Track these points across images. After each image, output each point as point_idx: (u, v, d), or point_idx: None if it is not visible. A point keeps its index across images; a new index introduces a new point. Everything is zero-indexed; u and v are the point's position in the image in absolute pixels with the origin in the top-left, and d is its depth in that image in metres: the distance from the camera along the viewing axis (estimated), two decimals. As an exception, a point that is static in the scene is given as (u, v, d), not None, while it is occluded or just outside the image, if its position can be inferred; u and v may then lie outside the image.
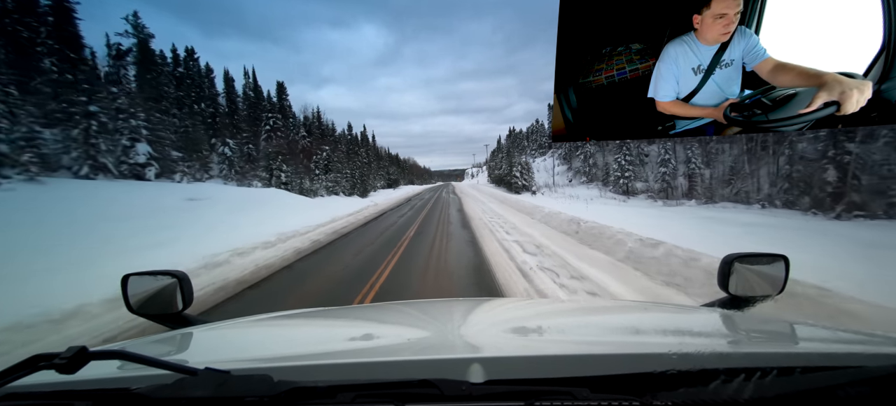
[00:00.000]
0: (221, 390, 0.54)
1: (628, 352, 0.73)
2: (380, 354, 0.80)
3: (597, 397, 0.53)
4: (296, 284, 5.41)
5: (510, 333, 1.01)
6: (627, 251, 6.10)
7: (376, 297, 4.74)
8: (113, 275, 1.60)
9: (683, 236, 6.26)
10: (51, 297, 3.64)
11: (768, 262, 1.21)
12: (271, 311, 1.56)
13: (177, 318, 1.25)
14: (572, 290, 4.57)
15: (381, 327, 1.17)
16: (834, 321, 3.05)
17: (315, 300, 4.59)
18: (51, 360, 0.53)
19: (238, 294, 4.92)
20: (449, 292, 4.82)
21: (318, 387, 0.56)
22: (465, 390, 0.56)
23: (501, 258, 6.49)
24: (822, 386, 0.52)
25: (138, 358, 0.57)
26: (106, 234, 7.45)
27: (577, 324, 1.15)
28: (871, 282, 3.54)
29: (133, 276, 1.24)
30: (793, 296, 3.22)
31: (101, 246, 6.53)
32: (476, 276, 5.55)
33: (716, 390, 0.52)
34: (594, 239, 7.51)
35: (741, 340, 0.90)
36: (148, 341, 1.04)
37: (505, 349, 0.81)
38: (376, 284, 5.25)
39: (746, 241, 7.95)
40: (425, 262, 6.70)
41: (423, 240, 9.24)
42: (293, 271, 6.23)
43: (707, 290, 3.97)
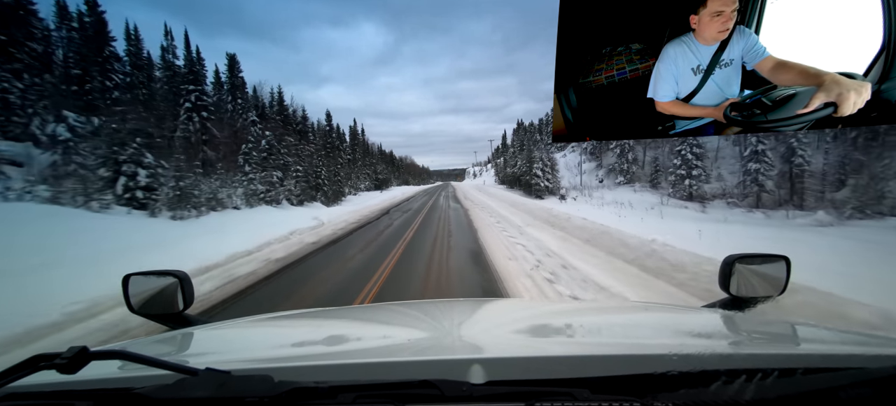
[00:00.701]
0: (222, 390, 0.54)
1: (629, 353, 0.73)
2: (380, 355, 0.80)
3: (597, 398, 0.53)
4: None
5: (511, 334, 1.01)
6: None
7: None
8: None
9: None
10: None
11: (769, 263, 1.21)
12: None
13: (178, 318, 1.25)
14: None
15: (382, 328, 1.17)
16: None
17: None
18: (51, 360, 0.53)
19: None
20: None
21: (318, 387, 0.56)
22: (465, 391, 0.56)
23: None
24: (824, 387, 0.52)
25: (139, 358, 0.57)
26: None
27: (577, 324, 1.15)
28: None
29: (134, 275, 1.24)
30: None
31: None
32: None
33: (717, 391, 0.51)
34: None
35: (742, 341, 0.90)
36: (149, 341, 1.04)
37: (505, 350, 0.81)
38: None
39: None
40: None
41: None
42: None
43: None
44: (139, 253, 6.86)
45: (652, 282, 5.24)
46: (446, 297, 4.80)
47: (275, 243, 8.48)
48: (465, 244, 8.61)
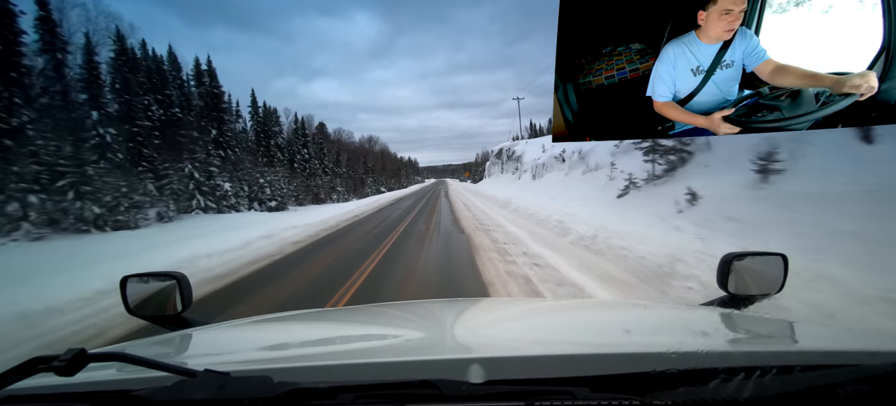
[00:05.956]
0: (221, 392, 0.54)
1: (628, 351, 0.73)
2: (380, 355, 0.80)
3: (597, 397, 0.53)
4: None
5: (510, 333, 1.01)
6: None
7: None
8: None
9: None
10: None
11: (766, 261, 1.22)
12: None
13: (176, 320, 1.25)
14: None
15: (381, 328, 1.17)
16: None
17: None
18: (49, 362, 0.53)
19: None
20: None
21: (318, 388, 0.56)
22: (465, 390, 0.56)
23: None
24: (822, 384, 0.52)
25: (137, 360, 0.57)
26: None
27: (576, 323, 1.15)
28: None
29: (132, 277, 1.24)
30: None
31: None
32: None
33: (716, 389, 0.52)
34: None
35: (741, 339, 0.91)
36: (147, 343, 1.04)
37: (505, 349, 0.81)
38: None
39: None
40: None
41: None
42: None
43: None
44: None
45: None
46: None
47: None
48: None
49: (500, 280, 4.95)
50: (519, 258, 6.04)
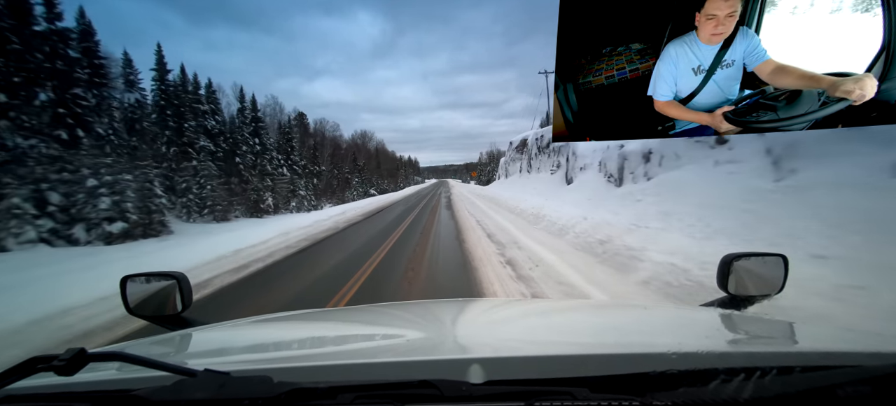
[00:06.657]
0: (221, 391, 0.54)
1: (628, 351, 0.73)
2: (379, 355, 0.80)
3: (597, 397, 0.53)
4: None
5: (509, 333, 1.01)
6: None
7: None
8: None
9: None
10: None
11: (767, 261, 1.21)
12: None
13: (176, 320, 1.24)
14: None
15: (381, 328, 1.17)
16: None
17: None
18: (49, 362, 0.53)
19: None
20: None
21: (318, 387, 0.56)
22: (464, 391, 0.56)
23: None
24: (822, 385, 0.52)
25: (137, 359, 0.57)
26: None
27: (576, 323, 1.15)
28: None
29: (132, 277, 1.24)
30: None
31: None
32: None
33: (716, 390, 0.51)
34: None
35: (741, 340, 0.90)
36: (147, 343, 1.04)
37: (504, 349, 0.81)
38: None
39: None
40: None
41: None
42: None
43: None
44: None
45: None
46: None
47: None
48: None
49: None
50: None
